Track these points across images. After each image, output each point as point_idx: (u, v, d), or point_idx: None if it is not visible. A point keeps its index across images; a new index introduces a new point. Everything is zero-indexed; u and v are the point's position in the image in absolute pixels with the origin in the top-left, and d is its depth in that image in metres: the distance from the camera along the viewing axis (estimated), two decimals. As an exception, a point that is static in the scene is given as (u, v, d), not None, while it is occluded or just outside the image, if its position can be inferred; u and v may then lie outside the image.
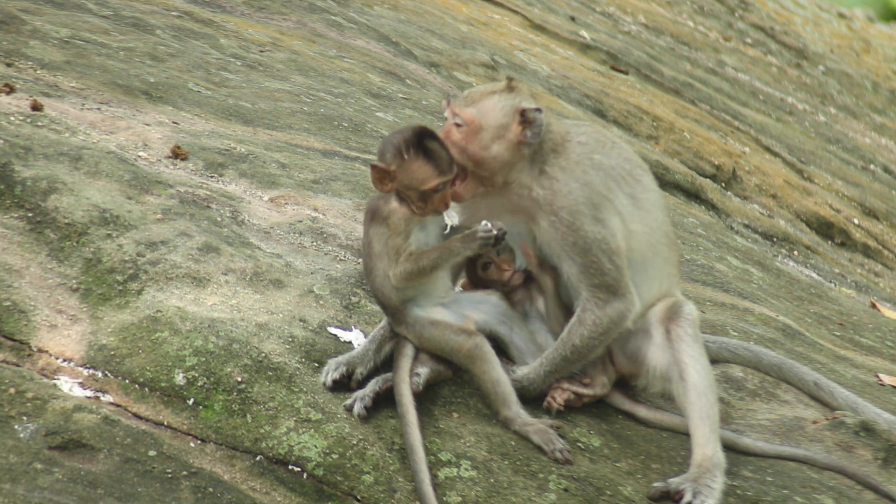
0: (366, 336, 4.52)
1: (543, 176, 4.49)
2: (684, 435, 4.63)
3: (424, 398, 4.34)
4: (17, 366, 4.18)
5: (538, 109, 4.47)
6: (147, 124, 5.62)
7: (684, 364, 4.52)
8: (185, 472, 3.97)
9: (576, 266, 4.48)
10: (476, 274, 4.62)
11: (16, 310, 4.32)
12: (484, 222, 4.28)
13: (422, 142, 4.26)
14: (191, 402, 4.15)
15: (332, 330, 4.53)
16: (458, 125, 4.45)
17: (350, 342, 4.50)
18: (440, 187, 4.27)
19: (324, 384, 4.32)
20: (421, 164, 4.24)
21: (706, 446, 4.44)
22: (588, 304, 4.50)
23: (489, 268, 4.59)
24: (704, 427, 4.46)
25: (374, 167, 4.25)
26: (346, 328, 4.57)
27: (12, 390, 4.05)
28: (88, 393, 4.16)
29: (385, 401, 4.27)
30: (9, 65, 5.91)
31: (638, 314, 4.56)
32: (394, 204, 4.31)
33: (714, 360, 5.08)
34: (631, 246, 4.56)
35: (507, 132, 4.46)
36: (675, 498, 4.24)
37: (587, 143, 4.59)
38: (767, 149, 10.98)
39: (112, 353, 4.26)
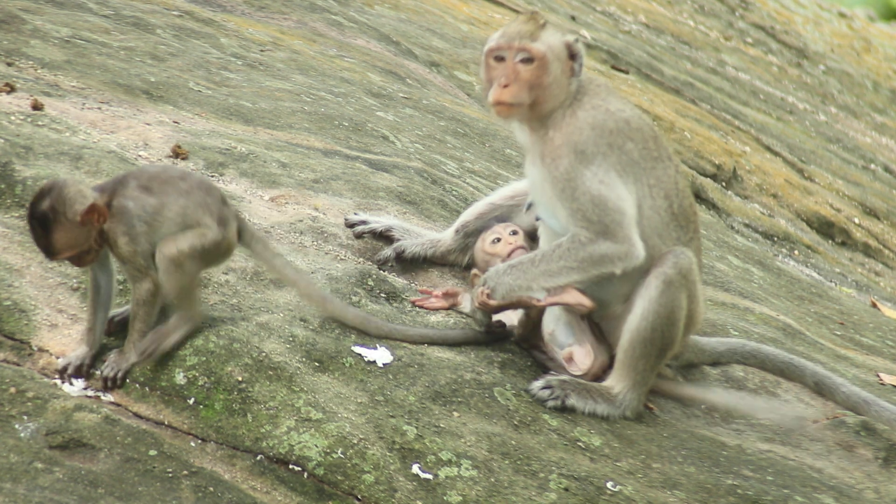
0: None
1: (569, 112, 4.53)
2: (684, 433, 4.63)
3: (425, 397, 4.35)
4: (18, 365, 4.18)
5: (577, 40, 4.56)
6: (148, 124, 5.62)
7: (633, 305, 4.52)
8: (185, 472, 3.97)
9: (564, 210, 4.49)
10: (483, 251, 4.94)
11: (16, 309, 4.32)
12: None
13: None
14: (191, 401, 4.15)
15: (333, 329, 4.53)
16: (526, 61, 4.49)
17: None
18: None
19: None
20: None
21: (616, 382, 4.55)
22: (574, 236, 4.50)
23: (498, 243, 4.87)
24: (623, 371, 4.54)
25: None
26: (347, 327, 4.57)
27: (13, 389, 4.06)
28: (89, 392, 4.16)
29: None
30: (9, 64, 5.91)
31: (635, 265, 4.50)
32: None
33: (718, 362, 5.08)
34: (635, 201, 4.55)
35: (563, 65, 4.53)
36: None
37: (605, 87, 4.65)
38: (768, 148, 10.98)
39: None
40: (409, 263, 5.08)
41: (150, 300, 4.22)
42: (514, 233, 4.92)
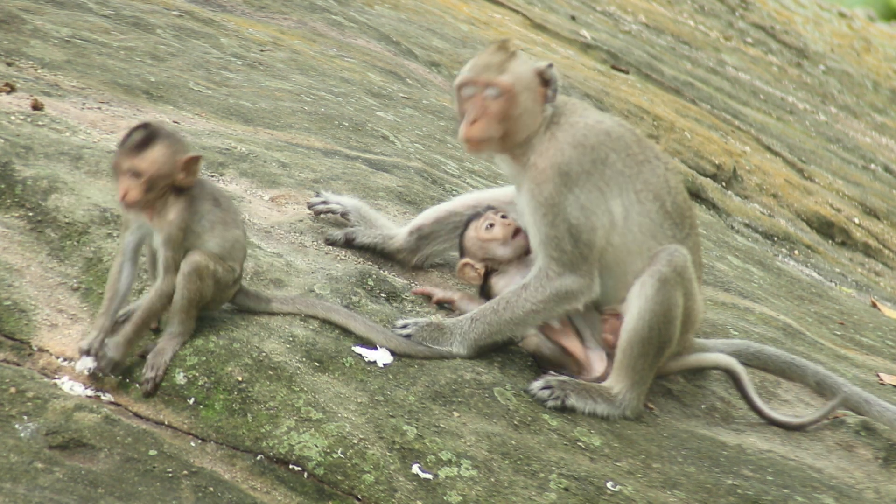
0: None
1: (548, 135, 4.54)
2: (684, 433, 4.63)
3: (425, 396, 4.35)
4: (18, 365, 4.18)
5: (550, 65, 4.56)
6: (148, 124, 5.62)
7: (630, 305, 4.53)
8: (185, 472, 3.97)
9: (539, 235, 4.50)
10: (477, 239, 4.81)
11: (16, 309, 4.32)
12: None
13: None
14: (191, 401, 4.15)
15: (333, 329, 4.53)
16: (494, 96, 4.50)
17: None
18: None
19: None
20: None
21: (615, 382, 4.54)
22: (539, 272, 4.53)
23: (493, 228, 4.77)
24: (622, 371, 4.54)
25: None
26: (347, 327, 4.57)
27: (13, 389, 4.06)
28: (89, 392, 4.16)
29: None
30: (9, 64, 5.91)
31: (592, 299, 4.56)
32: None
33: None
34: (616, 221, 4.56)
35: (534, 94, 4.54)
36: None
37: (580, 104, 4.66)
38: (768, 148, 10.98)
39: (113, 352, 4.27)
40: (360, 251, 5.07)
41: (165, 296, 4.23)
42: (505, 216, 4.88)
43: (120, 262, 4.29)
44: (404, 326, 4.51)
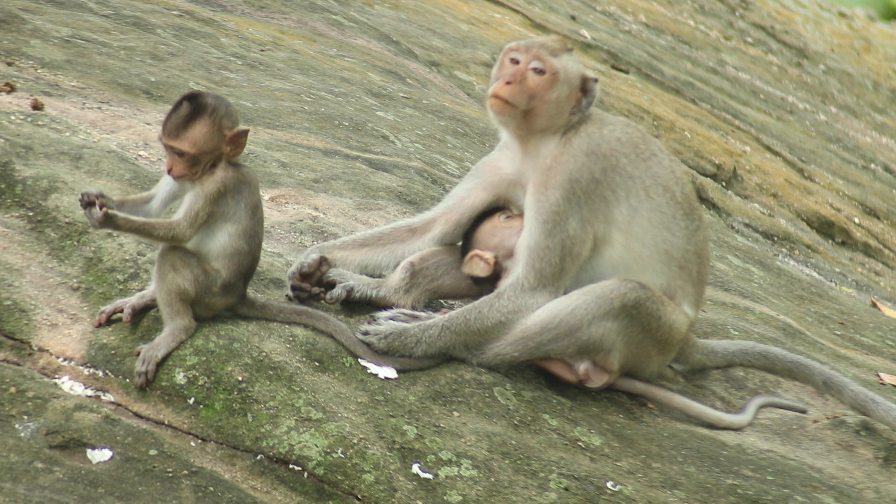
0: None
1: (565, 140, 4.57)
2: (684, 433, 4.63)
3: (425, 396, 4.35)
4: (18, 365, 4.18)
5: (596, 80, 4.61)
6: (148, 123, 5.62)
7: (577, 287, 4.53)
8: (185, 472, 3.97)
9: (531, 240, 4.49)
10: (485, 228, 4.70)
11: (16, 309, 4.32)
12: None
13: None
14: (191, 401, 4.15)
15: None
16: (537, 71, 4.53)
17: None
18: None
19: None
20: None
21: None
22: (516, 281, 4.51)
23: (510, 219, 4.69)
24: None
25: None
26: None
27: (13, 389, 4.06)
28: (89, 392, 4.16)
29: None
30: (9, 64, 5.91)
31: None
32: None
33: (731, 364, 5.06)
34: (604, 252, 4.56)
35: (571, 93, 4.58)
36: None
37: (604, 118, 4.67)
38: (768, 148, 10.98)
39: (113, 352, 4.27)
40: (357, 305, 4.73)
41: (171, 235, 4.19)
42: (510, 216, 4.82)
43: (152, 192, 4.31)
44: (366, 334, 4.45)
